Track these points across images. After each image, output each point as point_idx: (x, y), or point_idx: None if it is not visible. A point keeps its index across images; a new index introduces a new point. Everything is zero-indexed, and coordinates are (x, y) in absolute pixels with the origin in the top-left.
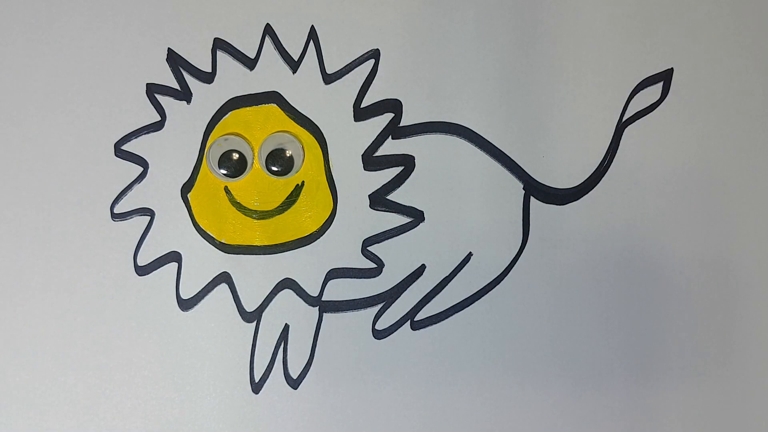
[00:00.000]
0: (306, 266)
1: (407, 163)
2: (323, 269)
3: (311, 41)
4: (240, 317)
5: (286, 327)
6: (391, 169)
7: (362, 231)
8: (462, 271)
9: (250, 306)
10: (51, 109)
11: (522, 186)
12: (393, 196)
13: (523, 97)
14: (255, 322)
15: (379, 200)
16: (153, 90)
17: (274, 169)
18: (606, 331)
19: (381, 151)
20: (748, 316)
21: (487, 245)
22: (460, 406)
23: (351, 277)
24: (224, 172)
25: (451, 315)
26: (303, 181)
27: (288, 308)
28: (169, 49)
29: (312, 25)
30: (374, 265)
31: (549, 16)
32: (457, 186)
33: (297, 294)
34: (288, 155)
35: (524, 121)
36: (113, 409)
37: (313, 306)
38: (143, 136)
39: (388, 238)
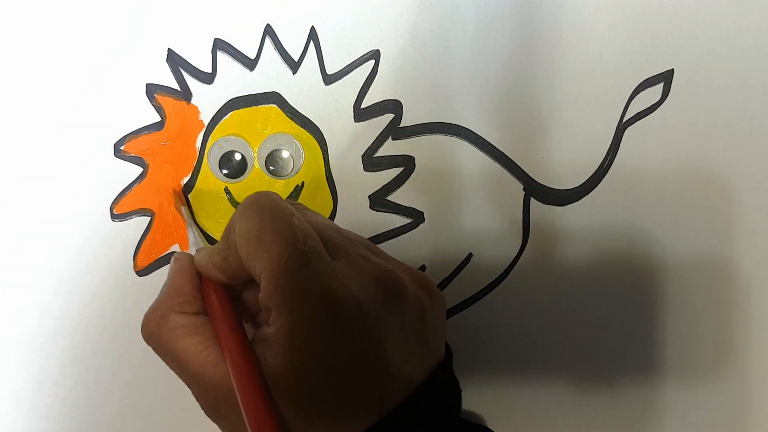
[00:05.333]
0: None
1: (407, 163)
2: None
3: (311, 42)
4: None
5: None
6: (391, 169)
7: (362, 232)
8: (462, 272)
9: None
10: (50, 109)
11: (522, 187)
12: (393, 197)
13: (523, 98)
14: None
15: (379, 201)
16: (153, 90)
17: (274, 169)
18: (606, 331)
19: (381, 152)
20: (749, 316)
21: (488, 246)
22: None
23: None
24: (225, 172)
25: (451, 316)
26: (303, 182)
27: None
28: (169, 49)
29: (312, 26)
30: None
31: (549, 17)
32: (457, 187)
33: None
34: (288, 156)
35: (524, 122)
36: (113, 410)
37: None
38: (143, 136)
39: (388, 239)
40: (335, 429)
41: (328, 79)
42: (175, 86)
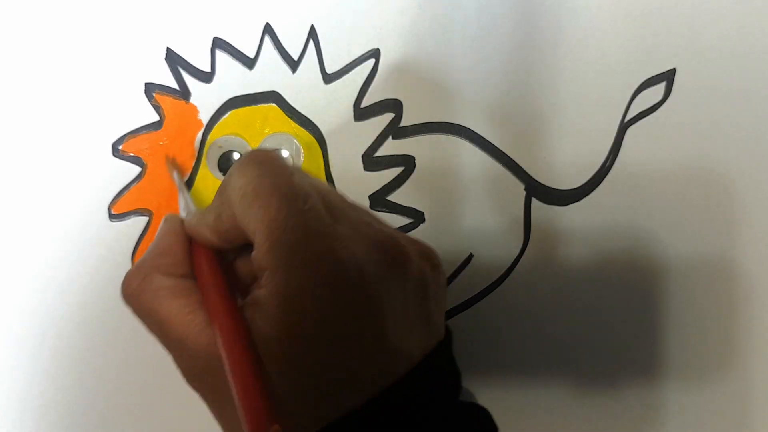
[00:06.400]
0: None
1: (408, 163)
2: None
3: (311, 41)
4: None
5: None
6: (391, 169)
7: None
8: (463, 272)
9: None
10: (49, 109)
11: (523, 187)
12: (393, 197)
13: (524, 98)
14: None
15: (379, 201)
16: (151, 89)
17: None
18: (608, 332)
19: (381, 152)
20: (751, 317)
21: (489, 246)
22: None
23: None
24: (224, 172)
25: (452, 316)
26: None
27: None
28: (167, 48)
29: (312, 25)
30: None
31: (550, 16)
32: (458, 187)
33: None
34: (287, 156)
35: (525, 122)
36: (112, 410)
37: None
38: (142, 135)
39: None
40: (327, 402)
41: (328, 78)
42: (174, 85)
